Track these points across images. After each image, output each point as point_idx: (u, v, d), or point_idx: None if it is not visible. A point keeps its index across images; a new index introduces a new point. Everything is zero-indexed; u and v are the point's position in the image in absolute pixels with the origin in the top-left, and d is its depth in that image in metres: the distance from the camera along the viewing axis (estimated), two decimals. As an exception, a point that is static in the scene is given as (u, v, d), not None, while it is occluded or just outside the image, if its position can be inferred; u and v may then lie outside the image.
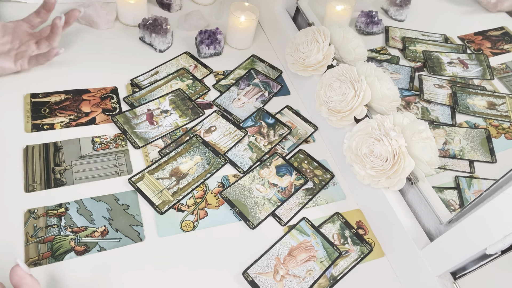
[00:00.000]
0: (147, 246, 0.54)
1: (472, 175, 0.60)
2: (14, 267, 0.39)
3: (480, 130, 0.65)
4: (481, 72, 0.73)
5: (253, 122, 0.71)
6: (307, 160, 0.68)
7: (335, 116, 0.65)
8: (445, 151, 0.63)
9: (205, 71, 0.78)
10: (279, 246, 0.57)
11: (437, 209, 0.54)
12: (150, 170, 0.61)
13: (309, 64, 0.70)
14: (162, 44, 0.78)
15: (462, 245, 0.46)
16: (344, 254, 0.58)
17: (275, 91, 0.78)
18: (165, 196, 0.58)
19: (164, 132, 0.66)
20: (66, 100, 0.66)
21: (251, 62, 0.82)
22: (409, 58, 0.77)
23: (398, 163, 0.54)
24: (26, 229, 0.51)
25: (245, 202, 0.60)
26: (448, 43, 0.79)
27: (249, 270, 0.54)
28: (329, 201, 0.64)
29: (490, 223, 0.42)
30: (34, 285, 0.40)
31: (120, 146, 0.63)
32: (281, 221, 0.60)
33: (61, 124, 0.63)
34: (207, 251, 0.55)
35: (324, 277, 0.55)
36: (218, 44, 0.80)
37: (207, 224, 0.57)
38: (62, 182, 0.57)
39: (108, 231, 0.54)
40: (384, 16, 0.85)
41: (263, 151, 0.67)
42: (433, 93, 0.71)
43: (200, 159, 0.63)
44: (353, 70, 0.62)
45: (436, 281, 0.50)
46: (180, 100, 0.71)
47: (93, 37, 0.78)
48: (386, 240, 0.59)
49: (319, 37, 0.68)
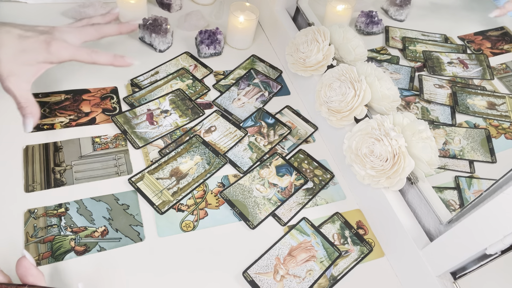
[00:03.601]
0: (147, 246, 0.54)
1: (472, 175, 0.60)
2: (20, 259, 0.40)
3: (480, 130, 0.65)
4: (481, 72, 0.73)
5: (253, 122, 0.71)
6: (307, 160, 0.68)
7: (335, 116, 0.65)
8: (445, 151, 0.63)
9: (205, 71, 0.78)
10: (279, 246, 0.57)
11: (437, 209, 0.54)
12: (150, 170, 0.61)
13: (309, 64, 0.70)
14: (162, 44, 0.78)
15: (462, 245, 0.46)
16: (344, 254, 0.58)
17: (275, 91, 0.78)
18: (165, 196, 0.58)
19: (164, 132, 0.66)
20: (66, 100, 0.67)
21: (251, 62, 0.82)
22: (409, 58, 0.77)
23: (398, 163, 0.54)
24: (26, 229, 0.51)
25: (245, 202, 0.60)
26: (448, 43, 0.79)
27: (249, 270, 0.54)
28: (329, 201, 0.64)
29: (490, 223, 0.42)
30: (39, 276, 0.40)
31: (120, 146, 0.63)
32: (281, 221, 0.60)
33: (61, 124, 0.63)
34: (207, 251, 0.55)
35: (324, 277, 0.55)
36: (218, 44, 0.80)
37: (207, 224, 0.57)
38: (62, 182, 0.57)
39: (108, 231, 0.54)
40: (384, 16, 0.85)
41: (263, 151, 0.67)
42: (433, 93, 0.71)
43: (200, 159, 0.63)
44: (353, 70, 0.62)
45: (436, 281, 0.50)
46: (180, 100, 0.71)
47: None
48: (386, 240, 0.59)
49: (319, 37, 0.68)
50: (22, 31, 0.55)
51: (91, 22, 0.62)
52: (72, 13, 0.80)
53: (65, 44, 0.56)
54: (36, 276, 0.40)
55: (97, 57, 0.58)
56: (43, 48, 0.54)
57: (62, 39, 0.56)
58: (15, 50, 0.53)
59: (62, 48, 0.55)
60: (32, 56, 0.54)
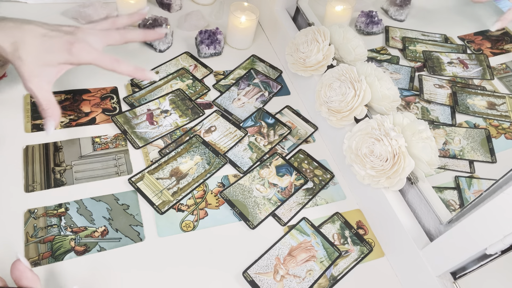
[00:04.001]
0: (147, 246, 0.54)
1: (472, 175, 0.60)
2: (15, 262, 0.40)
3: (480, 130, 0.65)
4: (481, 72, 0.73)
5: (253, 122, 0.71)
6: (307, 160, 0.68)
7: (335, 116, 0.65)
8: (445, 151, 0.63)
9: (205, 71, 0.78)
10: (279, 246, 0.57)
11: (437, 209, 0.54)
12: (150, 170, 0.61)
13: (309, 64, 0.70)
14: (162, 44, 0.78)
15: (462, 245, 0.46)
16: (344, 254, 0.58)
17: (275, 91, 0.78)
18: (165, 196, 0.58)
19: (164, 132, 0.66)
20: (66, 100, 0.66)
21: (251, 62, 0.82)
22: (409, 58, 0.77)
23: (398, 163, 0.54)
24: (26, 229, 0.51)
25: (245, 202, 0.60)
26: (448, 43, 0.79)
27: (249, 270, 0.54)
28: (329, 201, 0.64)
29: (490, 223, 0.42)
30: (34, 280, 0.40)
31: (120, 146, 0.63)
32: (281, 221, 0.60)
33: (61, 124, 0.63)
34: (207, 251, 0.55)
35: (324, 277, 0.55)
36: (218, 44, 0.80)
37: (207, 224, 0.57)
38: (62, 182, 0.57)
39: (108, 231, 0.54)
40: (384, 16, 0.85)
41: (263, 151, 0.67)
42: (433, 93, 0.71)
43: (200, 159, 0.63)
44: (353, 70, 0.62)
45: (436, 281, 0.50)
46: (180, 100, 0.71)
47: (93, 37, 0.78)
48: (386, 240, 0.59)
49: (319, 37, 0.68)
50: (47, 30, 0.54)
51: (116, 23, 0.61)
52: (72, 13, 0.80)
53: (88, 47, 0.55)
54: (31, 279, 0.40)
55: (118, 66, 0.57)
56: (66, 49, 0.53)
57: (85, 41, 0.55)
58: (38, 50, 0.52)
59: (84, 51, 0.54)
60: (54, 56, 0.53)
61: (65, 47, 0.53)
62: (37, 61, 0.52)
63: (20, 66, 0.52)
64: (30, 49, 0.52)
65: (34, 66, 0.52)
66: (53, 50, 0.53)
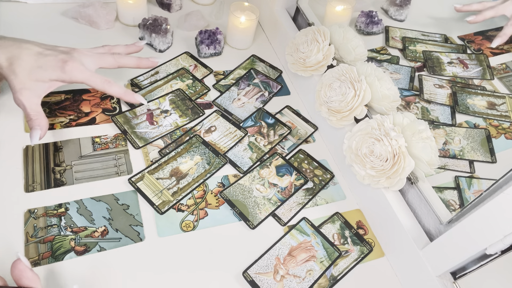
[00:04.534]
0: (147, 246, 0.54)
1: (472, 175, 0.60)
2: (15, 261, 0.40)
3: (480, 130, 0.65)
4: (481, 72, 0.73)
5: (253, 122, 0.71)
6: (307, 160, 0.68)
7: (335, 116, 0.65)
8: (445, 151, 0.63)
9: (205, 71, 0.78)
10: (279, 246, 0.57)
11: (437, 209, 0.54)
12: (150, 170, 0.61)
13: (309, 64, 0.70)
14: (162, 44, 0.78)
15: (462, 245, 0.46)
16: (344, 254, 0.58)
17: (275, 91, 0.78)
18: (165, 196, 0.58)
19: (164, 132, 0.66)
20: (66, 100, 0.67)
21: (251, 62, 0.82)
22: (409, 58, 0.77)
23: (398, 163, 0.54)
24: (26, 229, 0.51)
25: (245, 202, 0.60)
26: (448, 43, 0.79)
27: (249, 270, 0.54)
28: (329, 201, 0.64)
29: (490, 223, 0.42)
30: (34, 279, 0.40)
31: (120, 146, 0.63)
32: (281, 221, 0.60)
33: (61, 124, 0.63)
34: (207, 251, 0.55)
35: (324, 277, 0.55)
36: (218, 44, 0.80)
37: (207, 224, 0.57)
38: (62, 182, 0.57)
39: (108, 231, 0.54)
40: (384, 16, 0.85)
41: (263, 151, 0.67)
42: (433, 93, 0.71)
43: (200, 159, 0.63)
44: (353, 70, 0.62)
45: (436, 281, 0.50)
46: (180, 100, 0.71)
47: (93, 37, 0.78)
48: (386, 240, 0.59)
49: (319, 37, 0.68)
50: (42, 49, 0.57)
51: (113, 50, 0.65)
52: (72, 13, 0.80)
53: (81, 66, 0.58)
54: (31, 279, 0.40)
55: (109, 87, 0.61)
56: (59, 67, 0.56)
57: (79, 61, 0.58)
58: (32, 66, 0.55)
59: (77, 70, 0.57)
60: (47, 73, 0.56)
61: (58, 65, 0.56)
62: (29, 76, 0.55)
63: (13, 80, 0.54)
64: (24, 64, 0.55)
65: (26, 80, 0.55)
66: (46, 67, 0.56)
